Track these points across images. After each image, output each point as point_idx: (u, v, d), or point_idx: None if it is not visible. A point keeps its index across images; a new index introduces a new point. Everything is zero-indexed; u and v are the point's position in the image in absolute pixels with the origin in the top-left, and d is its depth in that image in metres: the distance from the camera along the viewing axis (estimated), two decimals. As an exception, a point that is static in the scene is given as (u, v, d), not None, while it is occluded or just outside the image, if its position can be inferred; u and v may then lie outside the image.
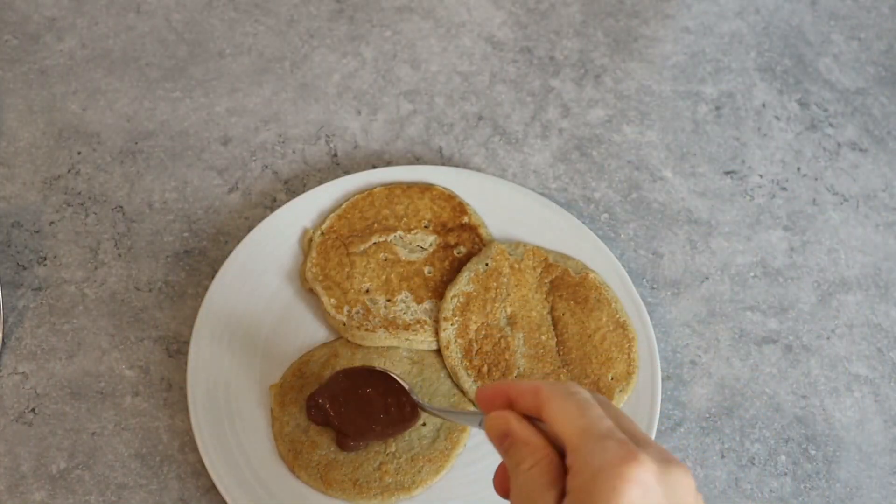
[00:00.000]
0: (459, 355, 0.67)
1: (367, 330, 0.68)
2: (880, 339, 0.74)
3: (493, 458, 0.64)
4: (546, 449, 0.43)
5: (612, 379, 0.67)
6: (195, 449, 0.64)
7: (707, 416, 0.69)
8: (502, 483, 0.47)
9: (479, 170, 0.79)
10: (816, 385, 0.71)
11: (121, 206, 0.75)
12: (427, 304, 0.70)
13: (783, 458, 0.68)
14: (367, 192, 0.74)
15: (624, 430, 0.42)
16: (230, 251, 0.72)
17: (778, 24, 0.92)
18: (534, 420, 0.45)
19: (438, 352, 0.69)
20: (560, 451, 0.43)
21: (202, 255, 0.73)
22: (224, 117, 0.81)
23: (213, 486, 0.63)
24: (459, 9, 0.89)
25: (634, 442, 0.41)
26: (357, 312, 0.68)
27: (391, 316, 0.69)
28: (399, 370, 0.67)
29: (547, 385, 0.44)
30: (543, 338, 0.69)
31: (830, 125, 0.85)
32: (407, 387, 0.63)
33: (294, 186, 0.77)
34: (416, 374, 0.67)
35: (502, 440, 0.45)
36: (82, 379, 0.67)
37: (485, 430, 0.47)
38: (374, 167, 0.79)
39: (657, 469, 0.39)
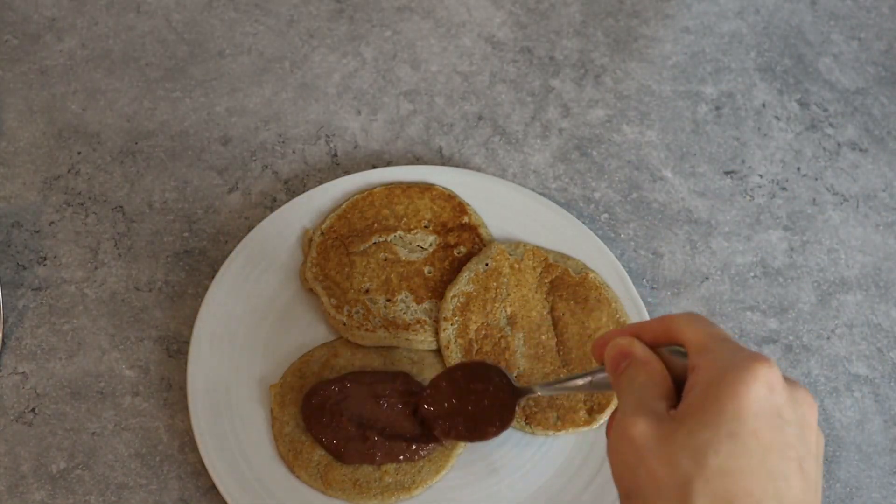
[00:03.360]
0: (459, 355, 0.67)
1: (367, 330, 0.68)
2: (880, 339, 0.74)
3: (493, 458, 0.65)
4: (663, 369, 0.43)
5: (612, 379, 0.67)
6: (195, 449, 0.64)
7: (707, 416, 0.69)
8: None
9: (479, 170, 0.79)
10: (816, 385, 0.71)
11: (121, 206, 0.75)
12: (427, 304, 0.70)
13: (783, 458, 0.68)
14: (367, 192, 0.74)
15: None
16: (230, 251, 0.72)
17: (778, 24, 0.92)
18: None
19: (438, 352, 0.69)
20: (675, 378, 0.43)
21: (202, 255, 0.73)
22: (224, 117, 0.81)
23: (213, 486, 0.63)
24: (459, 9, 0.89)
25: None
26: (357, 312, 0.68)
27: (391, 316, 0.69)
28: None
29: (672, 314, 0.46)
30: (543, 338, 0.69)
31: (830, 125, 0.85)
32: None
33: (294, 186, 0.77)
34: (416, 374, 0.67)
35: (620, 361, 0.45)
36: (82, 379, 0.67)
37: (605, 364, 0.46)
38: (374, 167, 0.79)
39: (784, 378, 0.39)
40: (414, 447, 0.63)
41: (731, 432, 0.37)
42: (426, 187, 0.75)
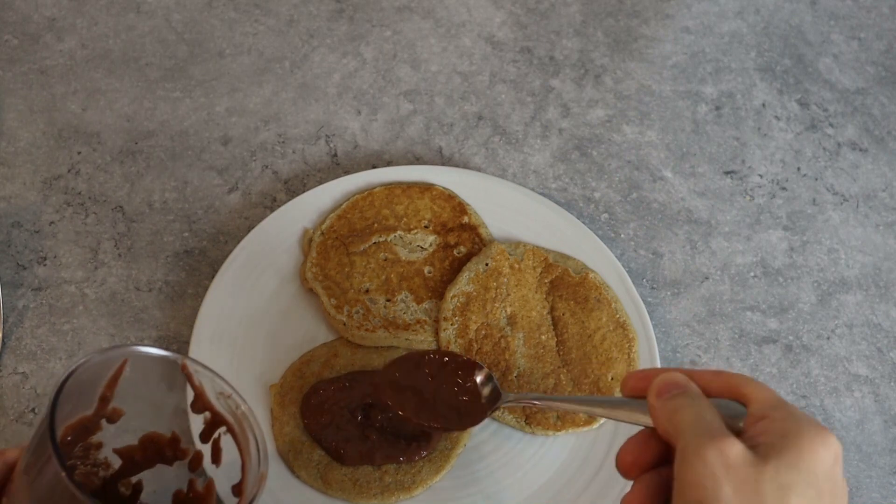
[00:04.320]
0: (459, 355, 0.67)
1: (367, 330, 0.68)
2: (880, 339, 0.74)
3: (493, 458, 0.65)
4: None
5: (611, 379, 0.67)
6: (195, 449, 0.64)
7: (707, 416, 0.69)
8: (633, 454, 0.47)
9: (479, 170, 0.79)
10: (816, 385, 0.71)
11: (121, 206, 0.75)
12: (427, 304, 0.70)
13: (783, 458, 0.68)
14: (367, 192, 0.74)
15: None
16: (230, 251, 0.72)
17: (778, 24, 0.92)
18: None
19: (438, 352, 0.69)
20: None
21: (202, 255, 0.73)
22: (224, 117, 0.81)
23: (213, 486, 0.63)
24: (459, 9, 0.89)
25: None
26: (357, 312, 0.68)
27: (391, 316, 0.69)
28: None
29: (730, 372, 0.46)
30: (543, 338, 0.69)
31: (830, 125, 0.85)
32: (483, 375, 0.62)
33: (294, 186, 0.77)
34: (416, 374, 0.67)
35: (671, 389, 0.45)
36: (82, 379, 0.67)
37: (651, 391, 0.46)
38: (374, 167, 0.79)
39: (838, 452, 0.42)
40: (414, 447, 0.63)
41: (807, 482, 0.40)
42: (426, 187, 0.75)
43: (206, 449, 0.50)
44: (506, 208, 0.75)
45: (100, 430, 0.49)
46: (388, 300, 0.69)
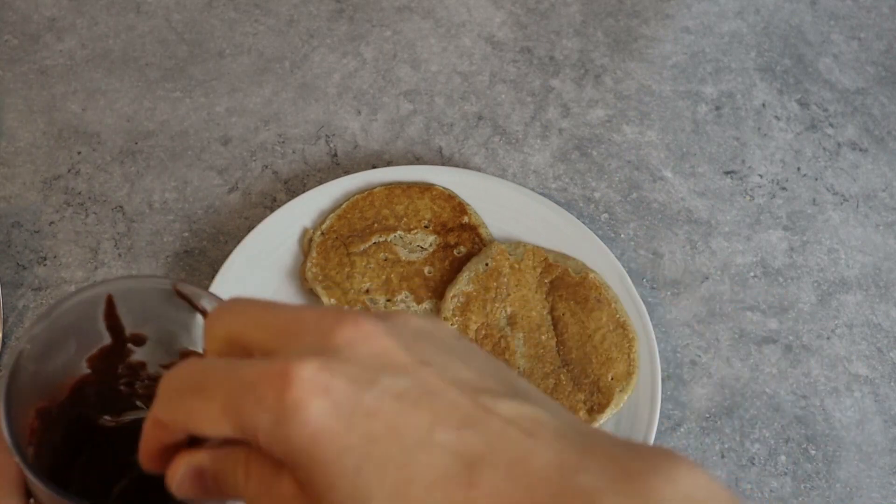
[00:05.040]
0: (459, 355, 0.67)
1: (367, 330, 0.67)
2: (880, 339, 0.74)
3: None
4: (240, 454, 0.31)
5: (612, 379, 0.67)
6: (195, 449, 0.64)
7: (707, 416, 0.69)
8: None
9: (479, 170, 0.79)
10: (816, 385, 0.71)
11: (121, 206, 0.75)
12: (427, 304, 0.70)
13: (783, 458, 0.68)
14: (367, 192, 0.74)
15: (266, 326, 0.31)
16: (230, 251, 0.72)
17: (778, 24, 0.92)
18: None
19: (438, 352, 0.69)
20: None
21: (202, 255, 0.73)
22: (224, 117, 0.81)
23: (213, 486, 0.63)
24: (459, 9, 0.89)
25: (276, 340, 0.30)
26: (357, 312, 0.68)
27: (391, 316, 0.69)
28: None
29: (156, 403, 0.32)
30: (543, 338, 0.69)
31: (830, 125, 0.85)
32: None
33: (294, 186, 0.77)
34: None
35: (202, 486, 0.32)
36: (82, 379, 0.67)
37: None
38: (374, 167, 0.79)
39: (317, 363, 0.28)
40: None
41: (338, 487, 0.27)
42: (426, 187, 0.75)
43: None
44: (506, 208, 0.75)
45: (131, 353, 0.46)
46: (389, 300, 0.69)
